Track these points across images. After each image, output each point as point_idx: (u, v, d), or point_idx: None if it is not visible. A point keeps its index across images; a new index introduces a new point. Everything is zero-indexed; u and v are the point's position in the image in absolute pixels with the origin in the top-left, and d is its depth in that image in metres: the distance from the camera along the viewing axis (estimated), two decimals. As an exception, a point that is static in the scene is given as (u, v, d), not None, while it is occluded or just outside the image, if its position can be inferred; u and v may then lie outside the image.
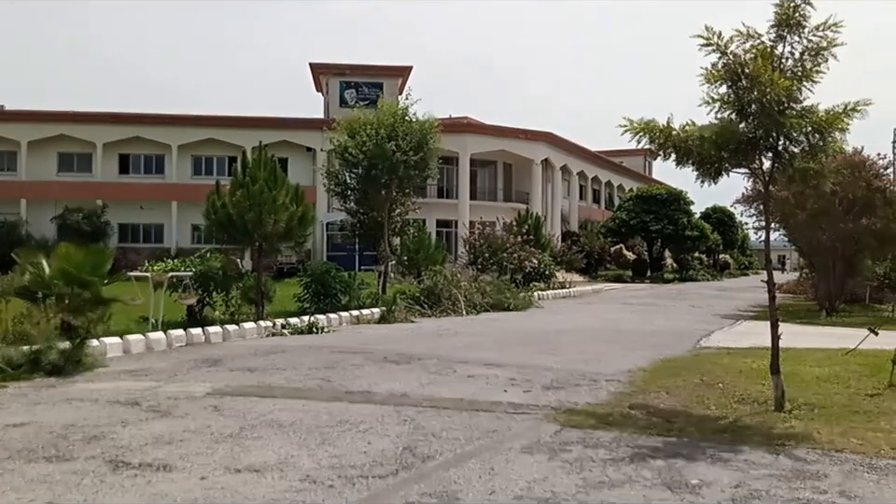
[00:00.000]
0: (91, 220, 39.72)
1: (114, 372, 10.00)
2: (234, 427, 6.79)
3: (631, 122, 7.99)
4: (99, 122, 41.97)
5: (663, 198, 49.03)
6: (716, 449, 6.12)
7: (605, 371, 10.26)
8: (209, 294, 15.38)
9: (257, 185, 14.98)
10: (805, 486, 5.16)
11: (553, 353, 12.22)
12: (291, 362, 10.89)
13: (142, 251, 39.21)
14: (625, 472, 5.44)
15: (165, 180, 43.14)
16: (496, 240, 29.70)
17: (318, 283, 17.91)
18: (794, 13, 7.36)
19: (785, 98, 7.24)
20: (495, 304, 21.54)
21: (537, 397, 8.43)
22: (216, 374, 9.84)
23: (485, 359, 11.32)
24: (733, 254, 69.58)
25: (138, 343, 12.17)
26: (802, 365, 10.51)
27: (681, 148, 7.88)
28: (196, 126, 42.57)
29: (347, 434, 6.55)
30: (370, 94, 43.32)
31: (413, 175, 22.59)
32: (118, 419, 7.08)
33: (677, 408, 7.78)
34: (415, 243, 25.10)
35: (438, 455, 5.91)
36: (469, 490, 5.02)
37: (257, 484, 5.12)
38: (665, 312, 22.29)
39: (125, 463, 5.60)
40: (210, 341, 13.44)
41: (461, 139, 43.03)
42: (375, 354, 11.80)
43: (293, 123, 42.77)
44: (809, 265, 26.18)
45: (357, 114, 23.32)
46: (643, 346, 13.26)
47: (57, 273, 11.91)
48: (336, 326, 16.47)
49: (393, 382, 9.25)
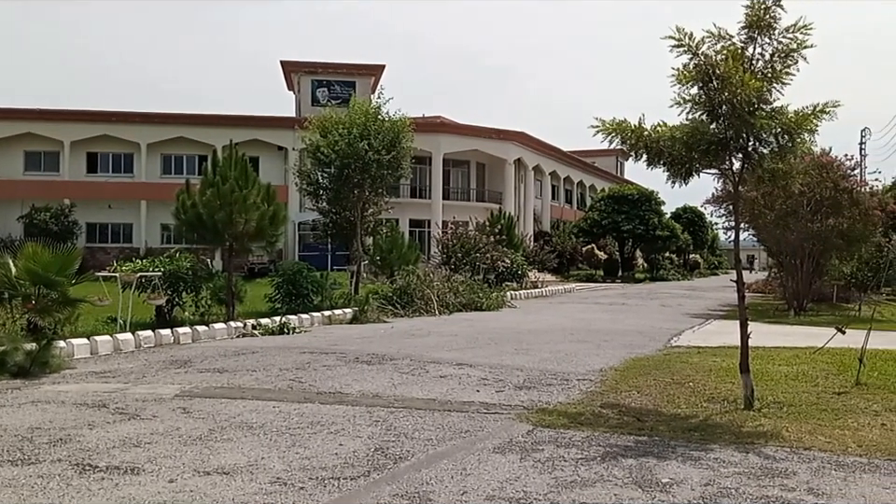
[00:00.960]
0: (59, 220, 39.13)
1: (81, 374, 9.86)
2: (204, 428, 6.71)
3: (603, 123, 8.02)
4: (66, 120, 41.35)
5: (634, 198, 49.38)
6: (686, 447, 6.16)
7: (577, 371, 10.30)
8: (179, 294, 15.23)
9: (227, 184, 14.85)
10: (773, 484, 5.20)
11: (526, 352, 12.25)
12: (262, 363, 10.80)
13: (110, 251, 38.77)
14: (597, 471, 5.46)
15: (134, 179, 42.62)
16: (469, 240, 29.73)
17: (290, 283, 17.80)
18: (765, 15, 7.44)
19: (755, 99, 7.31)
20: (467, 304, 21.57)
21: (509, 396, 8.43)
22: (185, 376, 9.73)
23: (458, 359, 11.32)
24: (703, 254, 70.30)
25: (106, 344, 12.00)
26: (771, 364, 10.63)
27: (653, 149, 7.93)
28: (166, 124, 42.09)
29: (318, 435, 6.50)
30: (342, 93, 43.19)
31: (386, 174, 22.53)
32: (85, 421, 6.97)
33: (648, 407, 7.83)
34: (388, 242, 25.05)
35: (410, 455, 5.88)
36: (442, 491, 5.00)
37: (226, 487, 5.06)
38: (636, 311, 22.45)
39: (92, 466, 5.51)
40: (179, 342, 13.30)
41: (434, 139, 43.02)
42: (347, 354, 11.75)
43: (264, 122, 42.49)
44: (778, 265, 26.49)
45: (328, 113, 23.21)
46: (614, 346, 13.34)
47: (23, 273, 11.73)
48: (308, 326, 16.38)
49: (365, 382, 9.21)
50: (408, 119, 23.12)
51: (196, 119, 42.05)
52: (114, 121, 41.84)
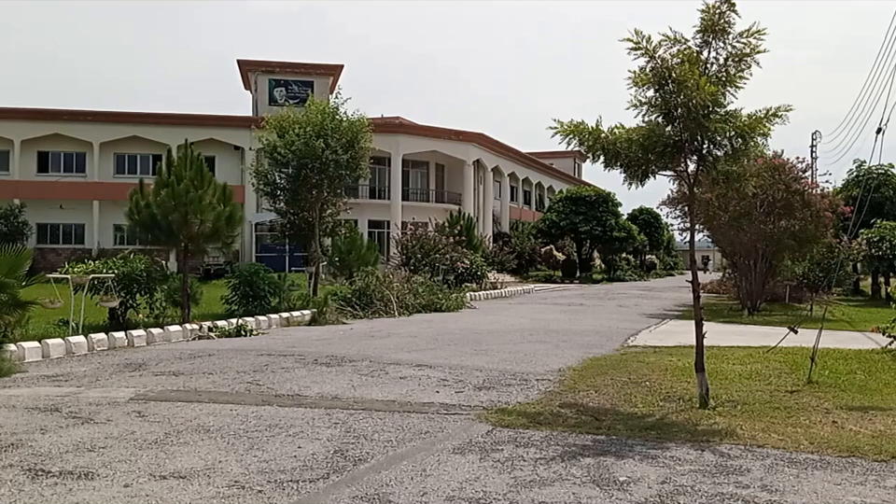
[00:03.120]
0: (8, 220, 38.08)
1: (32, 378, 9.64)
2: (159, 432, 6.61)
3: (561, 124, 8.09)
4: (16, 118, 40.34)
5: (591, 199, 49.86)
6: (643, 446, 6.24)
7: (535, 371, 10.37)
8: (132, 296, 14.98)
9: (182, 184, 14.65)
10: (728, 481, 5.29)
11: (485, 353, 12.29)
12: (219, 366, 10.67)
13: (62, 252, 37.99)
14: (556, 471, 5.50)
15: (87, 179, 41.75)
16: (428, 241, 29.73)
17: (247, 284, 17.62)
18: (719, 20, 7.56)
19: (710, 103, 7.43)
20: (427, 305, 21.57)
21: (468, 397, 8.45)
22: (139, 379, 9.57)
23: (417, 360, 11.31)
24: (659, 254, 71.23)
25: (58, 347, 11.77)
26: (725, 363, 10.82)
27: (610, 151, 8.01)
28: (119, 123, 41.32)
29: (277, 438, 6.44)
30: (300, 93, 42.86)
31: (344, 174, 22.44)
32: (36, 426, 6.82)
33: (605, 406, 7.91)
34: (347, 243, 24.93)
35: (369, 457, 5.86)
36: (401, 492, 5.00)
37: (183, 491, 4.99)
38: (594, 311, 22.67)
39: (45, 471, 5.39)
40: (133, 344, 13.09)
41: (393, 139, 42.94)
42: (306, 356, 11.67)
43: (221, 121, 41.98)
44: (732, 265, 26.94)
45: (286, 112, 23.05)
46: (573, 346, 13.45)
47: (-30, 275, 11.43)
48: (265, 328, 16.24)
49: (324, 384, 9.16)
50: (366, 119, 23.06)
51: (150, 118, 41.39)
52: (66, 120, 40.96)
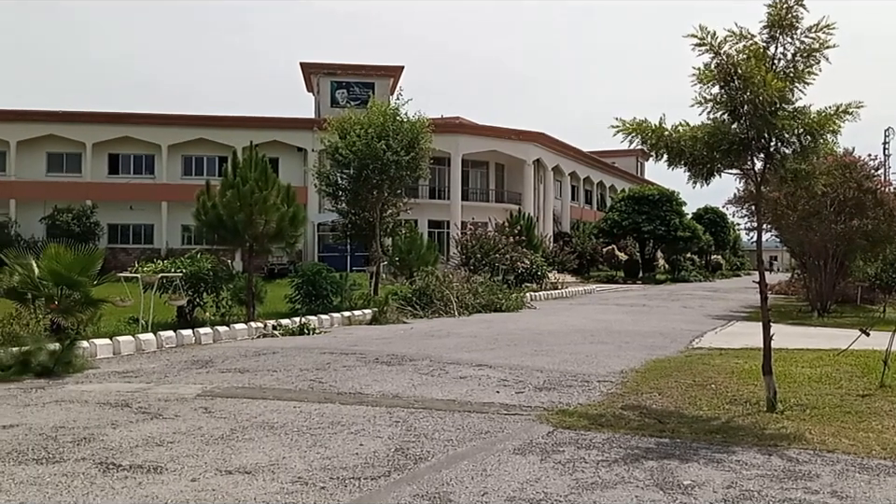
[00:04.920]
0: (81, 221, 39.48)
1: (104, 374, 9.94)
2: (225, 428, 6.75)
3: (623, 123, 7.99)
4: (89, 122, 41.70)
5: (655, 199, 49.09)
6: (708, 450, 6.12)
7: (597, 372, 10.26)
8: (199, 295, 15.33)
9: (247, 185, 14.93)
10: (796, 486, 5.16)
11: (546, 354, 12.21)
12: (282, 363, 10.85)
13: (132, 252, 39.09)
14: (618, 473, 5.43)
15: (155, 180, 42.91)
16: (488, 241, 29.69)
17: (310, 284, 17.86)
18: (787, 14, 7.37)
19: (777, 99, 7.25)
20: (487, 305, 21.54)
21: (529, 398, 8.41)
22: (206, 376, 9.79)
23: (477, 360, 11.31)
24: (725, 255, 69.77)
25: (128, 344, 12.09)
26: (794, 366, 10.54)
27: (673, 149, 7.88)
28: (186, 126, 42.36)
29: (339, 435, 6.52)
30: (361, 94, 43.24)
31: (405, 175, 22.56)
32: (108, 421, 7.03)
33: (669, 409, 7.78)
34: (407, 243, 25.07)
35: (430, 456, 5.89)
36: (462, 491, 5.00)
37: (248, 486, 5.08)
38: (658, 312, 22.33)
39: (115, 465, 5.56)
40: (200, 342, 13.38)
41: (453, 139, 42.99)
42: (367, 355, 11.77)
43: (284, 123, 42.65)
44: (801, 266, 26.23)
45: (347, 114, 23.28)
46: (635, 347, 13.27)
47: (46, 274, 11.87)
48: (327, 327, 16.43)
49: (385, 383, 9.23)
50: (426, 119, 23.13)
51: (216, 121, 42.30)
52: (135, 123, 42.17)
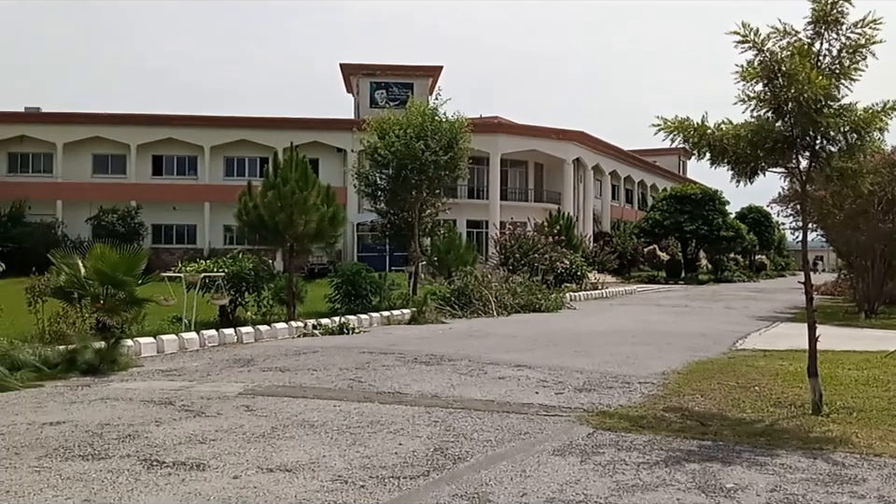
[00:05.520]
0: (126, 221, 40.25)
1: (148, 372, 10.12)
2: (266, 426, 6.82)
3: (665, 121, 7.89)
4: (133, 124, 42.51)
5: (697, 198, 48.44)
6: (752, 453, 6.02)
7: (638, 374, 10.16)
8: (241, 294, 15.52)
9: (288, 186, 15.07)
10: (842, 491, 5.05)
11: (585, 354, 12.13)
12: (322, 362, 10.93)
13: (175, 252, 39.70)
14: (659, 476, 5.37)
15: (198, 181, 43.54)
16: (527, 240, 29.58)
17: (349, 283, 17.98)
18: (832, 10, 7.22)
19: (822, 96, 7.11)
20: (526, 305, 21.46)
21: (568, 399, 8.36)
22: (248, 374, 9.90)
23: (516, 361, 11.27)
24: (769, 255, 68.62)
25: (172, 342, 12.29)
26: (840, 368, 10.32)
27: (716, 147, 7.77)
28: (228, 127, 42.95)
29: (378, 435, 6.54)
30: (400, 95, 43.42)
31: (443, 175, 22.60)
32: (152, 418, 7.15)
33: (712, 411, 7.68)
34: (446, 243, 25.09)
35: (469, 456, 5.88)
36: (501, 492, 4.98)
37: (289, 484, 5.13)
38: (700, 313, 22.05)
39: (159, 462, 5.65)
40: (242, 341, 13.54)
41: (492, 139, 42.92)
42: (406, 354, 11.80)
43: (324, 124, 42.96)
44: (847, 266, 25.69)
45: (386, 114, 23.38)
46: (677, 348, 13.12)
47: (92, 274, 12.10)
48: (367, 326, 16.52)
49: (423, 383, 9.25)
50: (465, 119, 23.13)
51: (258, 122, 42.80)
52: (178, 125, 42.84)
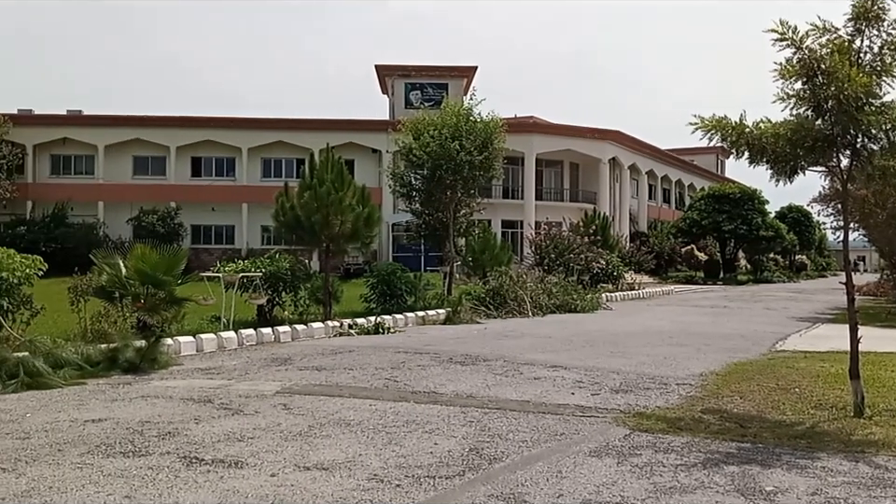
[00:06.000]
0: (165, 222, 40.92)
1: (187, 370, 10.26)
2: (303, 425, 6.88)
3: (702, 120, 7.81)
4: (172, 126, 43.16)
5: (736, 197, 47.84)
6: (792, 455, 5.94)
7: (676, 375, 10.07)
8: (278, 294, 15.67)
9: (324, 186, 15.18)
10: (885, 495, 4.96)
11: (622, 355, 12.05)
12: (358, 362, 10.99)
13: (214, 252, 40.25)
14: (697, 478, 5.32)
15: (236, 182, 44.05)
16: (562, 240, 29.45)
17: (384, 283, 18.06)
18: (873, 6, 7.09)
19: (863, 94, 6.98)
20: (561, 306, 21.36)
21: (605, 400, 8.31)
22: (285, 373, 10.00)
23: (552, 361, 11.23)
24: (810, 255, 67.55)
25: (210, 341, 12.44)
26: (883, 369, 10.12)
27: (755, 146, 7.66)
28: (265, 129, 43.40)
29: (414, 434, 6.57)
30: (435, 95, 43.51)
31: (478, 175, 22.61)
32: (191, 416, 7.25)
33: (751, 413, 7.58)
34: (481, 243, 25.08)
35: (504, 456, 5.88)
36: (537, 493, 4.97)
37: (325, 482, 5.17)
38: (739, 314, 21.77)
39: (198, 459, 5.73)
40: (279, 340, 13.67)
41: (527, 139, 42.81)
42: (441, 354, 11.82)
43: (359, 125, 43.21)
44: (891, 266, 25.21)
45: (421, 115, 23.45)
46: (716, 349, 12.97)
47: (133, 274, 12.30)
48: (402, 326, 16.57)
49: (459, 383, 9.25)
50: (500, 119, 23.11)
51: (294, 124, 43.19)
52: (217, 127, 43.40)
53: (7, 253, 10.98)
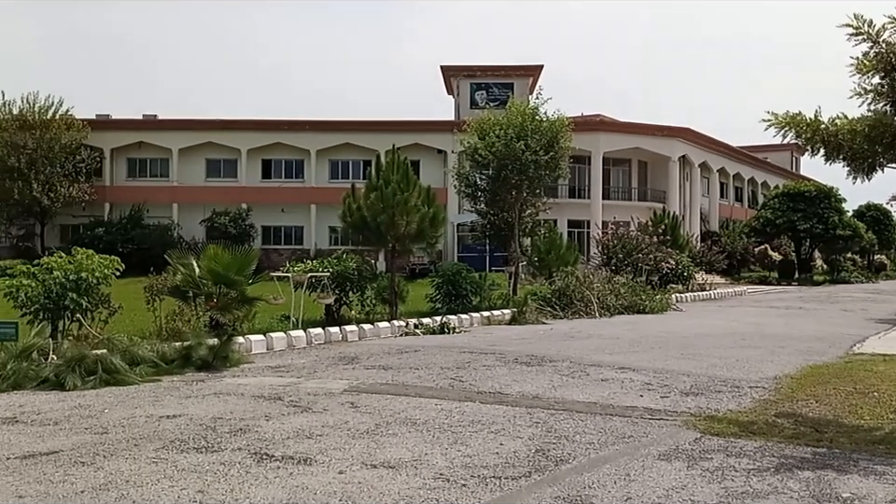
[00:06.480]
0: (237, 223, 41.87)
1: (258, 368, 10.47)
2: (370, 423, 6.96)
3: (775, 116, 7.61)
4: (243, 129, 44.10)
5: (811, 195, 46.38)
6: (869, 461, 5.73)
7: (748, 378, 9.83)
8: (346, 294, 15.88)
9: (390, 187, 15.30)
10: (974, 506, 4.74)
11: (692, 357, 11.82)
12: (424, 361, 11.05)
13: (283, 252, 40.96)
14: (770, 483, 5.18)
15: (305, 184, 44.74)
16: (630, 240, 29.03)
17: (450, 283, 18.11)
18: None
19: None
20: (629, 306, 21.05)
21: (675, 402, 8.17)
22: (352, 371, 10.12)
23: (619, 363, 11.08)
24: (889, 254, 65.03)
25: (280, 340, 12.68)
26: (969, 374, 9.69)
27: (831, 143, 7.44)
28: (333, 131, 43.99)
29: (479, 434, 6.56)
30: (500, 95, 43.40)
31: (544, 174, 22.44)
32: (262, 413, 7.40)
33: (827, 417, 7.35)
34: (546, 243, 24.91)
35: (571, 458, 5.83)
36: (604, 495, 4.92)
37: (392, 480, 5.21)
38: (815, 316, 21.11)
39: (269, 455, 5.84)
40: (347, 339, 13.84)
41: (594, 137, 42.37)
42: (506, 355, 11.79)
43: (425, 126, 43.41)
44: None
45: (486, 115, 23.41)
46: (790, 352, 12.61)
47: (206, 274, 12.61)
48: (467, 326, 16.59)
49: (524, 383, 9.22)
50: (566, 118, 22.90)
51: (361, 126, 43.67)
52: (286, 130, 44.18)
53: (87, 254, 11.38)
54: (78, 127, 41.03)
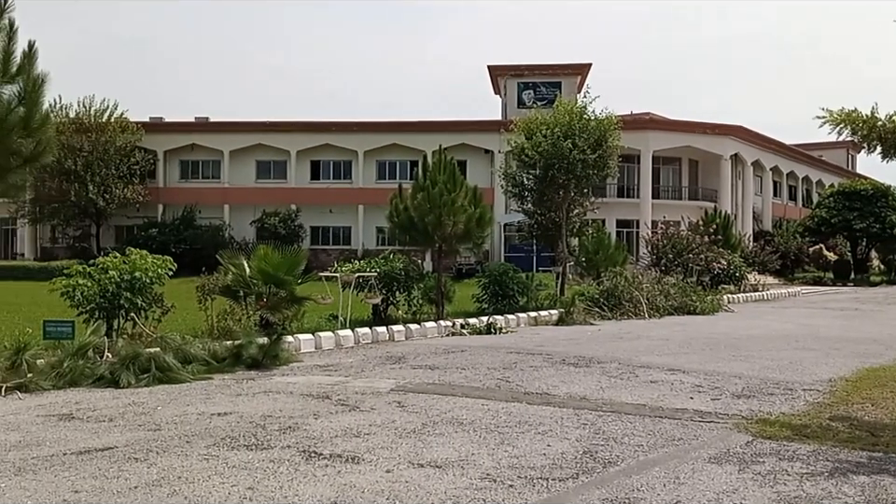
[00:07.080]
0: (286, 223, 42.47)
1: (307, 367, 10.59)
2: (417, 422, 6.98)
3: (830, 113, 7.45)
4: (293, 131, 44.69)
5: (868, 194, 45.22)
6: (931, 468, 5.57)
7: (802, 380, 9.62)
8: (393, 294, 15.97)
9: (436, 188, 15.33)
10: None
11: (744, 359, 11.60)
12: (471, 361, 11.05)
13: (331, 252, 41.39)
14: (824, 488, 5.07)
15: (352, 185, 45.15)
16: (680, 240, 28.63)
17: (496, 284, 18.07)
18: None
19: None
20: (679, 307, 20.77)
21: (726, 405, 8.03)
22: (399, 371, 10.16)
23: (669, 364, 10.94)
24: (950, 254, 63.03)
25: (328, 339, 12.80)
26: None
27: (888, 140, 7.26)
28: (380, 132, 44.32)
29: (526, 435, 6.54)
30: (547, 94, 43.20)
31: (592, 174, 22.24)
32: (310, 411, 7.48)
33: (883, 421, 7.15)
34: (594, 243, 24.70)
35: (619, 460, 5.77)
36: (653, 498, 4.86)
37: (439, 480, 5.22)
38: (872, 317, 20.57)
39: (317, 453, 5.90)
40: (394, 339, 13.91)
41: (643, 136, 41.92)
42: (553, 355, 11.73)
43: (472, 126, 43.43)
44: None
45: (533, 114, 23.31)
46: (845, 354, 12.30)
47: (256, 273, 12.80)
48: (514, 326, 16.54)
49: (572, 384, 9.15)
50: (615, 116, 22.67)
51: (408, 126, 43.90)
52: (335, 131, 44.65)
53: (141, 254, 11.63)
54: (133, 130, 42.06)
